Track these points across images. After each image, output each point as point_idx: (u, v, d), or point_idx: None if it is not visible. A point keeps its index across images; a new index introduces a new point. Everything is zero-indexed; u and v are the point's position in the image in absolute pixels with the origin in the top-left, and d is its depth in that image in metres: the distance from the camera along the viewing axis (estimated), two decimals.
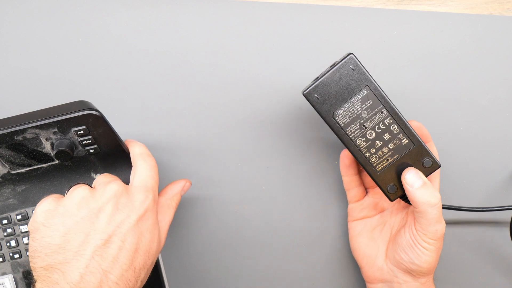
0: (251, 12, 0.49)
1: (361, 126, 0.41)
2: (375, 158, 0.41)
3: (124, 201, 0.37)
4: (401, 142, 0.41)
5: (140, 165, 0.40)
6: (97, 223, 0.35)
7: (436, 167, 0.41)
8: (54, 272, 0.33)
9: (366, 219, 0.48)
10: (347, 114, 0.40)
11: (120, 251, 0.34)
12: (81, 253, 0.34)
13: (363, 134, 0.41)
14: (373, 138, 0.41)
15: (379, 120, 0.40)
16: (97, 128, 0.40)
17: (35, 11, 0.48)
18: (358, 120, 0.40)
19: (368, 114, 0.40)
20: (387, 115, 0.40)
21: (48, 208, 0.36)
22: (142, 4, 0.48)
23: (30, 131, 0.39)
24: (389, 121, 0.40)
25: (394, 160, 0.41)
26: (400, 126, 0.40)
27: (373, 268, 0.46)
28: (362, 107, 0.40)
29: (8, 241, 0.44)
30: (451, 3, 0.50)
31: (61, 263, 0.33)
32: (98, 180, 0.39)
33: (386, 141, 0.41)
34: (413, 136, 0.41)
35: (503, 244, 0.50)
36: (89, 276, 0.33)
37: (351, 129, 0.41)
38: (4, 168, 0.42)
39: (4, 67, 0.48)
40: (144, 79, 0.49)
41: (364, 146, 0.41)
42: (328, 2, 0.49)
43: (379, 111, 0.40)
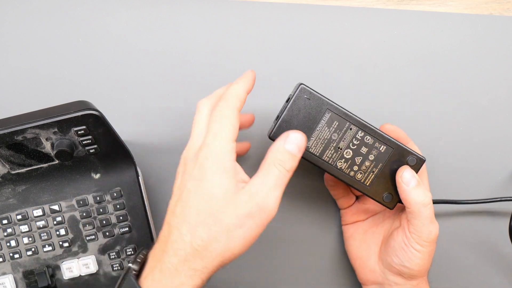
0: (251, 12, 0.49)
1: (336, 149, 0.40)
2: (360, 174, 0.41)
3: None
4: (379, 150, 0.40)
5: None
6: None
7: (421, 162, 0.41)
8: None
9: (358, 223, 0.47)
10: (318, 142, 0.40)
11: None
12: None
13: (341, 156, 0.40)
14: (352, 156, 0.40)
15: (351, 137, 0.40)
16: (97, 128, 0.40)
17: (35, 11, 0.48)
18: (330, 144, 0.40)
19: (338, 135, 0.40)
20: (356, 130, 0.40)
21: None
22: (142, 4, 0.48)
23: (30, 131, 0.39)
24: (361, 134, 0.40)
25: (379, 169, 0.41)
26: (372, 135, 0.40)
27: (366, 270, 0.46)
28: (330, 130, 0.39)
29: (8, 241, 0.44)
30: (451, 3, 0.50)
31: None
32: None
33: (365, 154, 0.40)
34: (388, 140, 0.40)
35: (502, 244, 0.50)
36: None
37: (327, 155, 0.40)
38: (4, 168, 0.42)
39: (4, 67, 0.48)
40: (144, 79, 0.49)
41: (345, 166, 0.41)
42: (328, 2, 0.49)
43: (347, 129, 0.40)
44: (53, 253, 0.44)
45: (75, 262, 0.44)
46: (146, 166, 0.49)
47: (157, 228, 0.48)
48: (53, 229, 0.44)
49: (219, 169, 0.34)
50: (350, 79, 0.49)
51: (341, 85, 0.49)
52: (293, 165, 0.35)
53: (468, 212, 0.50)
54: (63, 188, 0.44)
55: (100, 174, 0.44)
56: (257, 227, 0.34)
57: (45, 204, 0.44)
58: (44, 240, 0.44)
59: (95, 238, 0.44)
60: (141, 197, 0.45)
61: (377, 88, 0.50)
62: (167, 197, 0.50)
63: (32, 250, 0.44)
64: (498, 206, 0.50)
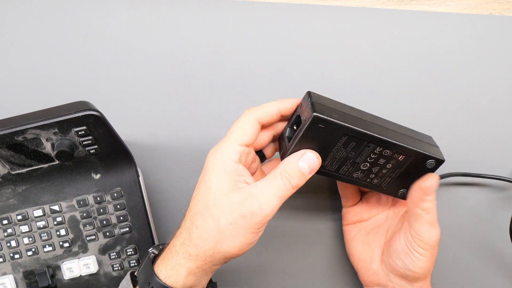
0: (251, 12, 0.49)
1: (353, 164, 0.39)
2: (377, 180, 0.40)
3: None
4: (397, 159, 0.39)
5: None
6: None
7: (440, 163, 0.39)
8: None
9: (361, 223, 0.47)
10: (334, 161, 0.38)
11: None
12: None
13: (358, 168, 0.39)
14: (368, 167, 0.39)
15: (369, 153, 0.38)
16: (98, 128, 0.40)
17: (35, 11, 0.48)
18: (347, 161, 0.38)
19: (355, 153, 0.38)
20: (374, 146, 0.38)
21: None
22: (142, 4, 0.48)
23: (30, 132, 0.39)
24: (379, 149, 0.38)
25: (396, 174, 0.40)
26: (391, 149, 0.38)
27: (368, 272, 0.46)
28: (347, 150, 0.37)
29: (8, 241, 0.44)
30: (451, 3, 0.50)
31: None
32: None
33: (382, 165, 0.39)
34: (408, 150, 0.38)
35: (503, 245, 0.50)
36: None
37: (343, 169, 0.39)
38: (4, 168, 0.42)
39: (4, 67, 0.48)
40: (144, 79, 0.49)
41: (362, 176, 0.40)
42: (328, 2, 0.49)
43: (365, 146, 0.38)
44: (54, 253, 0.44)
45: (76, 262, 0.44)
46: (146, 166, 0.49)
47: (157, 228, 0.48)
48: (53, 229, 0.44)
49: (219, 167, 0.36)
50: (350, 79, 0.49)
51: (341, 85, 0.49)
52: (299, 183, 0.36)
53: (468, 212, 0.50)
54: (63, 189, 0.44)
55: (100, 175, 0.44)
56: (248, 229, 0.35)
57: (46, 204, 0.44)
58: (45, 240, 0.44)
59: (95, 238, 0.44)
60: (141, 197, 0.45)
61: (377, 88, 0.50)
62: (167, 197, 0.50)
63: (33, 250, 0.44)
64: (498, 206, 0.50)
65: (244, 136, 0.36)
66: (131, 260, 0.45)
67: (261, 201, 0.35)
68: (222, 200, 0.35)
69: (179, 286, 0.36)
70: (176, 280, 0.36)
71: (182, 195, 0.49)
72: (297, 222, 0.51)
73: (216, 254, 0.36)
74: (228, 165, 0.36)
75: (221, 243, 0.35)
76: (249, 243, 0.36)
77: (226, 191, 0.35)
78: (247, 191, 0.35)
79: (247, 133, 0.36)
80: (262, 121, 0.37)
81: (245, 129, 0.37)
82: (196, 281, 0.37)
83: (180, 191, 0.49)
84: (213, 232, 0.35)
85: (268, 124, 0.38)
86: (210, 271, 0.37)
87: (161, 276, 0.36)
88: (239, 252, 0.36)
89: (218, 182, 0.35)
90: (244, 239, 0.35)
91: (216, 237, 0.35)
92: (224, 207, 0.35)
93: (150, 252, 0.39)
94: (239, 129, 0.37)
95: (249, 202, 0.35)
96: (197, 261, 0.36)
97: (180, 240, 0.37)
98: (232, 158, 0.36)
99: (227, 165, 0.36)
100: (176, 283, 0.36)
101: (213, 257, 0.36)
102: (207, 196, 0.36)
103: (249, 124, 0.37)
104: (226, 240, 0.35)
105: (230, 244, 0.35)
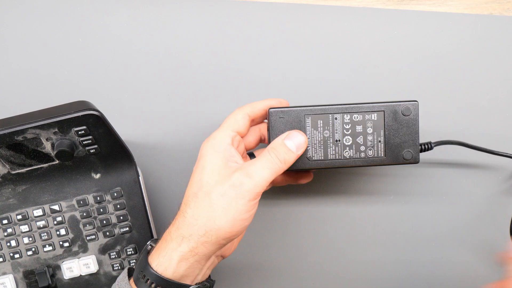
0: (251, 12, 0.49)
1: (335, 143, 0.39)
2: (370, 151, 0.40)
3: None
4: (372, 120, 0.39)
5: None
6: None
7: (414, 106, 0.40)
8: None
9: None
10: (316, 147, 0.40)
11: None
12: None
13: (343, 146, 0.40)
14: (352, 140, 0.40)
15: (341, 125, 0.39)
16: (98, 128, 0.40)
17: (35, 11, 0.48)
18: (327, 142, 0.39)
19: (329, 131, 0.39)
20: (341, 116, 0.39)
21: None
22: (142, 4, 0.48)
23: (30, 131, 0.39)
24: (347, 117, 0.39)
25: (384, 135, 0.40)
26: (357, 111, 0.39)
27: None
28: (320, 131, 0.39)
29: (8, 241, 0.44)
30: (451, 3, 0.50)
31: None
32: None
33: (363, 132, 0.39)
34: (374, 107, 0.39)
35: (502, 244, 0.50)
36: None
37: (330, 153, 0.40)
38: (4, 168, 0.42)
39: (4, 67, 0.48)
40: (144, 79, 0.49)
41: (353, 152, 0.40)
42: (328, 2, 0.49)
43: (333, 120, 0.39)
44: (54, 253, 0.44)
45: (76, 262, 0.44)
46: (146, 166, 0.49)
47: (157, 227, 0.48)
48: (53, 229, 0.44)
49: (212, 150, 0.38)
50: (350, 79, 0.49)
51: (341, 85, 0.49)
52: (287, 158, 0.38)
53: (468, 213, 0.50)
54: (63, 188, 0.44)
55: (100, 174, 0.44)
56: (239, 199, 0.36)
57: (45, 204, 0.44)
58: (45, 240, 0.44)
59: (95, 238, 0.44)
60: (141, 197, 0.45)
61: (377, 88, 0.50)
62: (167, 197, 0.50)
63: (33, 250, 0.44)
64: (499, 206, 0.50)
65: (235, 123, 0.39)
66: (131, 260, 0.45)
67: (250, 171, 0.36)
68: (214, 175, 0.37)
69: (170, 273, 0.36)
70: (167, 267, 0.36)
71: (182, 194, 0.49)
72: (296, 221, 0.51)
73: (208, 232, 0.36)
74: (220, 146, 0.38)
75: (213, 219, 0.36)
76: (241, 219, 0.36)
77: (218, 168, 0.37)
78: (238, 167, 0.37)
79: (238, 122, 0.39)
80: (252, 114, 0.40)
81: (236, 119, 0.39)
82: (189, 269, 0.37)
83: (180, 191, 0.49)
84: (206, 207, 0.36)
85: (257, 118, 0.41)
86: (204, 258, 0.37)
87: (153, 264, 0.37)
88: (232, 229, 0.36)
89: (211, 161, 0.37)
90: (235, 212, 0.36)
91: (208, 212, 0.36)
92: (216, 181, 0.36)
93: (148, 245, 0.40)
94: (230, 119, 0.39)
95: (238, 173, 0.36)
96: (190, 242, 0.36)
97: (175, 225, 0.37)
98: (224, 141, 0.38)
99: (219, 146, 0.38)
100: (167, 270, 0.36)
101: (206, 237, 0.36)
102: (201, 175, 0.37)
103: (240, 115, 0.40)
104: (218, 215, 0.36)
105: (222, 219, 0.36)
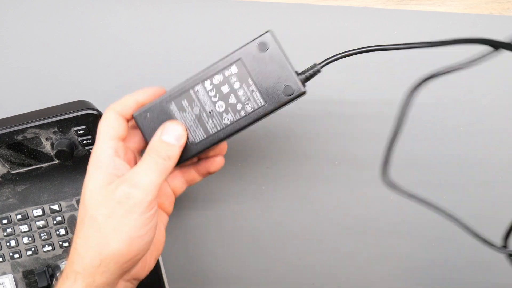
0: (251, 12, 0.49)
1: (209, 115, 0.36)
2: (249, 104, 0.35)
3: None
4: (233, 73, 0.35)
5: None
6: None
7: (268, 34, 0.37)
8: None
9: None
10: (192, 127, 0.36)
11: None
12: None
13: (219, 114, 0.36)
14: (225, 103, 0.35)
15: (205, 95, 0.35)
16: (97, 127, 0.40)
17: (35, 11, 0.48)
18: (202, 117, 0.35)
19: (198, 106, 0.36)
20: (201, 86, 0.35)
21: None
22: (142, 4, 0.48)
23: (30, 131, 0.39)
24: (208, 84, 0.35)
25: (255, 83, 0.35)
26: (214, 72, 0.35)
27: None
28: (189, 110, 0.36)
29: (8, 241, 0.44)
30: (451, 3, 0.50)
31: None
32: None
33: (232, 89, 0.35)
34: (228, 59, 0.35)
35: None
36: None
37: (209, 127, 0.36)
38: (4, 167, 0.42)
39: (4, 67, 0.48)
40: (144, 79, 0.49)
41: (233, 115, 0.36)
42: (328, 2, 0.49)
43: (195, 93, 0.35)
44: (53, 253, 0.44)
45: None
46: None
47: None
48: (53, 229, 0.44)
49: (94, 165, 0.33)
50: (350, 78, 0.49)
51: (341, 85, 0.49)
52: (170, 154, 0.34)
53: None
54: (63, 188, 0.44)
55: None
56: (130, 214, 0.32)
57: (45, 204, 0.44)
58: (44, 240, 0.44)
59: None
60: None
61: (377, 88, 0.50)
62: None
63: (32, 250, 0.44)
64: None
65: (111, 129, 0.34)
66: None
67: (134, 180, 0.32)
68: (97, 196, 0.32)
69: None
70: None
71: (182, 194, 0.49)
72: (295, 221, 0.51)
73: (104, 260, 0.32)
74: (102, 161, 0.33)
75: (106, 245, 0.32)
76: (139, 236, 0.32)
77: (99, 186, 0.32)
78: (121, 179, 0.33)
79: (113, 127, 0.34)
80: (124, 113, 0.35)
81: (109, 124, 0.34)
82: None
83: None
84: (95, 234, 0.32)
85: (130, 116, 0.36)
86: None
87: None
88: (130, 250, 0.32)
89: (92, 179, 0.33)
90: (129, 230, 0.32)
91: (98, 238, 0.32)
92: (100, 202, 0.32)
93: (55, 277, 0.37)
94: (104, 126, 0.34)
95: (121, 187, 0.32)
96: (85, 278, 0.32)
97: (69, 261, 0.33)
98: (104, 153, 0.34)
99: (100, 161, 0.33)
100: None
101: (102, 267, 0.32)
102: (83, 197, 0.33)
103: (112, 118, 0.35)
104: (110, 238, 0.32)
105: (116, 242, 0.31)
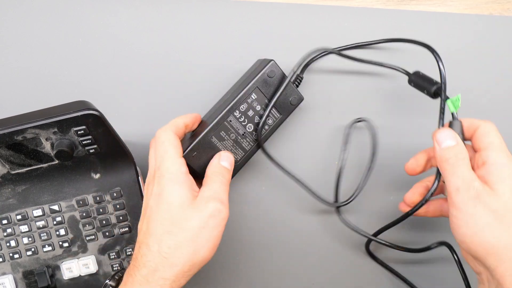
0: (251, 12, 0.49)
1: (243, 137, 0.44)
2: (271, 120, 0.44)
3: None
4: (254, 99, 0.43)
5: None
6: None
7: (276, 69, 0.44)
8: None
9: None
10: (233, 150, 0.44)
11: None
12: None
13: (250, 133, 0.44)
14: (252, 123, 0.44)
15: (237, 122, 0.43)
16: (97, 128, 0.40)
17: (35, 11, 0.48)
18: (238, 140, 0.44)
19: (234, 132, 0.43)
20: (232, 116, 0.43)
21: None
22: (142, 4, 0.48)
23: (30, 131, 0.39)
24: (237, 113, 0.43)
25: (271, 102, 0.43)
26: (240, 103, 0.43)
27: None
28: (227, 138, 0.43)
29: (8, 241, 0.44)
30: (451, 3, 0.50)
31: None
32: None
33: (255, 112, 0.43)
34: (247, 90, 0.43)
35: None
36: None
37: (246, 145, 0.44)
38: (4, 168, 0.42)
39: (4, 67, 0.48)
40: (144, 79, 0.49)
41: (260, 131, 0.44)
42: (328, 2, 0.49)
43: (229, 124, 0.43)
44: (53, 253, 0.44)
45: (75, 262, 0.44)
46: (146, 166, 0.49)
47: None
48: (53, 229, 0.44)
49: (174, 182, 0.38)
50: (349, 79, 0.49)
51: (340, 85, 0.49)
52: (228, 177, 0.41)
53: None
54: (63, 188, 0.44)
55: (100, 174, 0.44)
56: (219, 225, 0.37)
57: (45, 204, 0.44)
58: (44, 240, 0.44)
59: (95, 238, 0.44)
60: (141, 197, 0.45)
61: (376, 88, 0.50)
62: None
63: (32, 250, 0.44)
64: None
65: (178, 148, 0.39)
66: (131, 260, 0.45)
67: (221, 198, 0.38)
68: (187, 210, 0.37)
69: None
70: None
71: None
72: (295, 221, 0.51)
73: (193, 266, 0.36)
74: (181, 178, 0.38)
75: (198, 251, 0.36)
76: (219, 243, 0.38)
77: (188, 202, 0.37)
78: (202, 196, 0.38)
79: (176, 145, 0.39)
80: (177, 133, 0.41)
81: (173, 143, 0.39)
82: None
83: None
84: (189, 243, 0.36)
85: (181, 136, 0.42)
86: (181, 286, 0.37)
87: None
88: (211, 255, 0.37)
89: (179, 196, 0.37)
90: (217, 240, 0.37)
91: (192, 247, 0.36)
92: (192, 216, 0.36)
93: (108, 285, 0.39)
94: (169, 145, 0.39)
95: (213, 203, 0.37)
96: (174, 282, 0.36)
97: (148, 268, 0.36)
98: (182, 171, 0.38)
99: (180, 179, 0.38)
100: None
101: (189, 271, 0.36)
102: (170, 212, 0.37)
103: (174, 138, 0.40)
104: (202, 247, 0.36)
105: (206, 250, 0.37)
